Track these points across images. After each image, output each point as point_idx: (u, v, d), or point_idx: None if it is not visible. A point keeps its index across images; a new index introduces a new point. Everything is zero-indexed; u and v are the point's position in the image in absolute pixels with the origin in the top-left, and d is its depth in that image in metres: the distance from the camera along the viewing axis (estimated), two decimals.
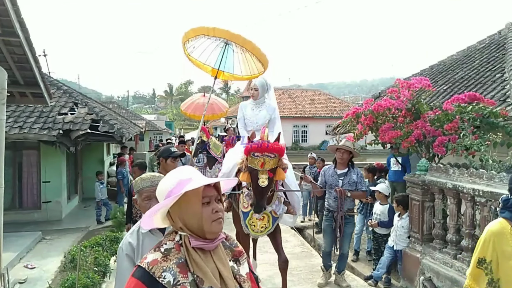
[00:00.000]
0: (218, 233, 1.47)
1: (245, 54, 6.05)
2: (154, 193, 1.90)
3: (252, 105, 5.13)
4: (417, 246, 4.72)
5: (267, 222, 4.28)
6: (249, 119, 5.14)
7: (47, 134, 8.96)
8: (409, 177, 4.86)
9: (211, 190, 1.47)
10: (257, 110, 5.12)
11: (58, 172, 10.19)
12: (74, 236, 8.83)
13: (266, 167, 3.77)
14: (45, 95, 8.28)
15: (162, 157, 3.76)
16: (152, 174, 2.54)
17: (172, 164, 3.72)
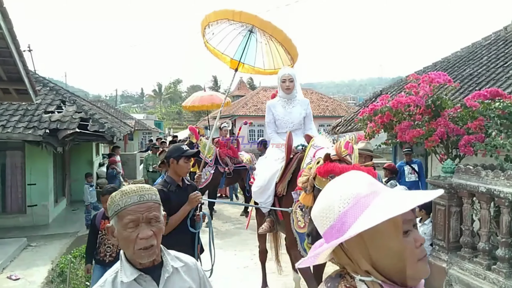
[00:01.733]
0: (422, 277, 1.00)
1: (271, 45, 5.34)
2: (145, 215, 1.42)
3: (282, 102, 4.38)
4: (442, 255, 4.33)
5: None
6: (281, 120, 4.37)
7: (32, 133, 8.42)
8: (432, 179, 4.46)
9: (407, 212, 0.95)
10: (290, 107, 4.38)
11: (45, 174, 9.63)
12: (62, 243, 8.28)
13: None
14: (30, 92, 7.77)
15: (173, 157, 3.16)
16: (140, 185, 1.60)
17: (185, 166, 3.19)
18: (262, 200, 4.01)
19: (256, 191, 4.16)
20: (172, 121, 65.77)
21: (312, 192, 3.03)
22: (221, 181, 8.91)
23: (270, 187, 3.95)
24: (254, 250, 6.27)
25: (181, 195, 3.13)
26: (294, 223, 3.54)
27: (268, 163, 4.20)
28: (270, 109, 4.43)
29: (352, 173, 1.08)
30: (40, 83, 10.25)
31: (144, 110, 75.81)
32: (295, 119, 4.33)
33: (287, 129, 4.33)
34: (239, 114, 29.56)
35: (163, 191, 2.93)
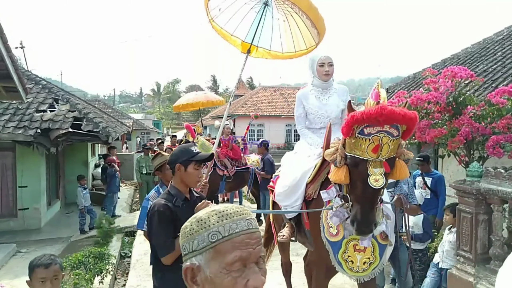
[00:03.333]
0: None
1: (291, 22, 4.47)
2: (257, 251, 0.97)
3: (316, 91, 3.62)
4: (468, 267, 3.91)
5: (371, 255, 2.83)
6: (315, 113, 3.61)
7: (22, 133, 7.98)
8: (457, 184, 4.04)
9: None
10: (325, 97, 3.62)
11: (37, 175, 9.20)
12: (54, 248, 7.83)
13: (383, 154, 2.36)
14: (19, 90, 7.34)
15: (179, 162, 2.50)
16: (236, 205, 1.09)
17: (195, 173, 2.53)
18: (288, 203, 3.34)
19: (281, 192, 3.46)
20: (170, 121, 65.36)
21: (345, 164, 2.54)
22: (221, 185, 7.98)
23: (299, 188, 3.27)
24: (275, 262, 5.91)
25: (190, 211, 2.33)
26: (324, 230, 2.90)
27: (299, 160, 3.51)
28: (301, 101, 3.69)
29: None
30: (32, 81, 9.81)
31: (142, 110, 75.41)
32: (331, 112, 3.59)
33: (321, 124, 3.64)
34: (238, 114, 29.17)
35: (168, 207, 2.37)
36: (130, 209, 11.50)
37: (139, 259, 6.24)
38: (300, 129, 3.76)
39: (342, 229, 2.82)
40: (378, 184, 2.36)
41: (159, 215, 2.34)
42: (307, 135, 3.67)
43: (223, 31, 4.65)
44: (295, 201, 3.30)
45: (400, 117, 2.26)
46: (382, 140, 2.32)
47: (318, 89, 3.64)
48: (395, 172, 2.46)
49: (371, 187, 2.38)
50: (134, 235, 8.41)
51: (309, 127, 3.72)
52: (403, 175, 2.49)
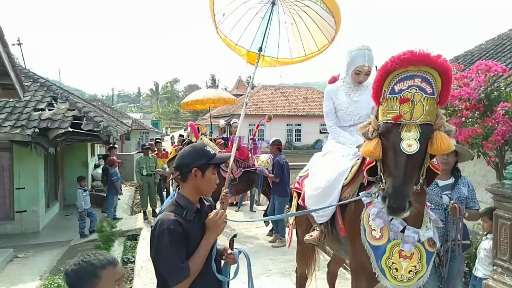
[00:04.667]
0: None
1: (299, 24, 4.16)
2: None
3: (347, 88, 3.42)
4: (507, 278, 3.59)
5: (417, 262, 2.49)
6: (345, 111, 3.40)
7: (20, 133, 7.64)
8: (493, 187, 3.71)
9: None
10: (356, 94, 3.39)
11: (35, 176, 8.87)
12: (53, 253, 7.52)
13: (417, 114, 2.11)
14: (16, 87, 7.03)
15: (196, 166, 2.04)
16: None
17: (213, 178, 2.12)
18: (322, 205, 3.05)
19: (313, 195, 3.20)
20: (169, 120, 65.08)
21: (378, 136, 2.29)
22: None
23: (334, 190, 2.99)
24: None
25: (202, 225, 2.07)
26: (366, 233, 2.59)
27: (333, 160, 3.22)
28: (330, 97, 3.47)
29: None
30: (29, 79, 9.49)
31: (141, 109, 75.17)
32: (362, 109, 3.37)
33: (351, 121, 3.41)
34: (239, 113, 28.79)
35: (179, 223, 1.92)
36: (131, 211, 11.15)
37: (144, 265, 5.90)
38: (330, 126, 3.50)
39: (387, 232, 2.50)
40: (411, 149, 2.11)
41: (170, 234, 1.87)
42: (338, 133, 3.40)
43: (227, 39, 4.34)
44: (329, 204, 3.02)
45: (434, 59, 2.07)
46: (415, 97, 2.11)
47: (349, 85, 3.41)
48: (434, 143, 2.16)
49: (404, 153, 2.13)
50: (137, 238, 8.08)
51: (338, 124, 3.47)
52: (445, 148, 2.17)
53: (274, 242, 6.87)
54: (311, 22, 4.08)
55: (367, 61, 3.20)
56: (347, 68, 3.34)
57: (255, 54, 4.13)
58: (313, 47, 4.22)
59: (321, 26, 4.05)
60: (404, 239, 2.43)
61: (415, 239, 2.43)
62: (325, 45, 4.15)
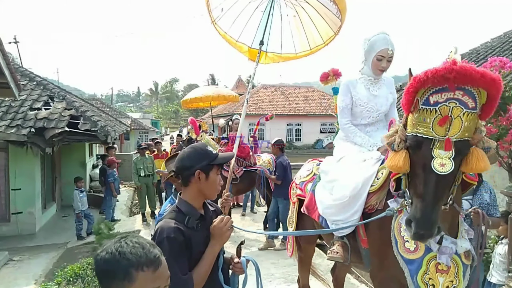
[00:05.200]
0: None
1: (302, 16, 3.90)
2: None
3: (366, 81, 3.09)
4: None
5: (454, 277, 2.24)
6: (364, 106, 3.08)
7: (15, 133, 7.48)
8: (509, 190, 3.53)
9: None
10: (375, 88, 3.09)
11: (31, 177, 8.70)
12: (49, 256, 7.34)
13: (453, 131, 1.85)
14: (11, 86, 6.85)
15: (199, 168, 1.85)
16: None
17: (217, 180, 1.94)
18: (342, 217, 2.78)
19: (334, 205, 2.86)
20: (169, 120, 64.82)
21: (405, 148, 2.04)
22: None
23: (359, 198, 2.69)
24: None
25: (206, 232, 1.89)
26: (398, 245, 2.31)
27: (354, 165, 2.88)
28: (349, 89, 3.10)
29: None
30: (25, 77, 9.32)
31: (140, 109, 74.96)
32: (381, 105, 3.08)
33: (369, 119, 3.10)
34: (238, 113, 28.62)
35: (180, 231, 1.75)
36: (130, 212, 10.97)
37: None
38: (345, 125, 3.13)
39: (423, 244, 2.24)
40: (444, 169, 1.86)
41: (171, 243, 1.70)
42: (354, 133, 3.07)
43: (227, 36, 4.14)
44: (353, 214, 2.71)
45: (477, 76, 1.76)
46: (453, 112, 1.82)
47: (369, 78, 3.09)
48: (470, 161, 1.91)
49: (435, 173, 1.88)
50: None
51: (353, 122, 3.14)
52: (481, 168, 1.92)
53: (266, 248, 6.62)
54: (314, 13, 3.87)
55: (389, 45, 2.90)
56: (366, 57, 3.02)
57: (256, 51, 3.94)
58: (318, 40, 4.00)
59: (325, 16, 3.84)
60: (441, 250, 2.17)
61: (452, 250, 2.18)
62: (330, 36, 3.94)
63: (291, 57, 4.17)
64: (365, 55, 3.03)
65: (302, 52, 4.11)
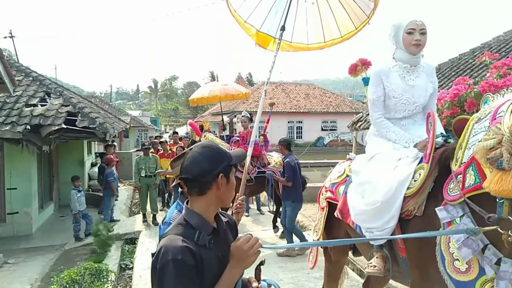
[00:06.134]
0: None
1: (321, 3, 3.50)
2: None
3: (400, 69, 2.73)
4: None
5: None
6: (398, 97, 2.71)
7: (10, 130, 7.17)
8: None
9: None
10: (412, 77, 2.71)
11: (27, 176, 8.41)
12: (46, 258, 7.04)
13: None
14: (5, 81, 6.57)
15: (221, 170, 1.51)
16: None
17: (234, 182, 1.61)
18: (377, 225, 2.46)
19: (366, 211, 2.54)
20: (168, 118, 64.44)
21: None
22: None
23: (394, 203, 2.35)
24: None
25: (223, 248, 1.52)
26: (446, 263, 1.98)
27: (387, 165, 2.54)
28: (381, 79, 2.75)
29: None
30: (21, 73, 9.01)
31: (139, 107, 74.58)
32: (419, 96, 2.72)
33: (404, 112, 2.74)
34: (239, 110, 28.35)
35: (190, 251, 1.39)
36: (130, 212, 10.66)
37: (142, 274, 5.42)
38: (377, 119, 2.78)
39: (476, 265, 1.90)
40: None
41: (177, 267, 1.35)
42: (387, 128, 2.72)
43: (236, 14, 3.76)
44: (388, 221, 2.38)
45: None
46: None
47: (404, 65, 2.71)
48: None
49: None
50: (135, 242, 7.61)
51: (385, 116, 2.80)
52: None
53: (285, 255, 6.09)
54: (337, 4, 3.52)
55: (417, 18, 2.61)
56: (395, 39, 2.71)
57: (265, 36, 3.61)
58: (335, 33, 3.65)
59: (349, 9, 3.50)
60: (499, 274, 1.82)
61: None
62: (350, 32, 3.58)
63: (302, 47, 3.81)
64: (393, 38, 2.72)
65: (314, 44, 3.76)
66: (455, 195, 1.99)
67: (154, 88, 77.33)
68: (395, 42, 2.72)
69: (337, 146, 32.11)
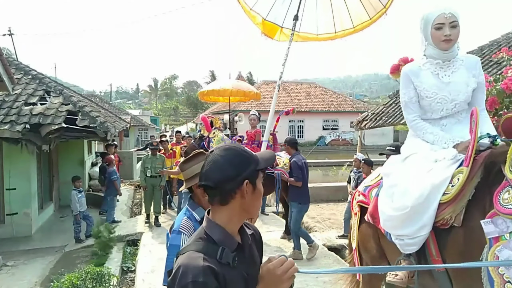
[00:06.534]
0: None
1: None
2: None
3: (432, 66, 2.52)
4: None
5: None
6: (432, 97, 2.48)
7: (9, 129, 6.99)
8: None
9: None
10: (447, 73, 2.48)
11: (26, 176, 8.24)
12: (45, 261, 6.88)
13: None
14: (4, 79, 6.41)
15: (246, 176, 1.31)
16: None
17: (262, 190, 1.41)
18: (408, 231, 2.24)
19: (394, 216, 2.34)
20: (168, 117, 64.25)
21: None
22: None
23: (427, 210, 2.15)
24: None
25: (247, 266, 1.32)
26: (495, 286, 1.76)
27: (422, 167, 2.33)
28: (410, 80, 2.56)
29: None
30: (20, 71, 8.81)
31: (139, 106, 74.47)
32: (458, 93, 2.47)
33: (443, 112, 2.51)
34: (240, 109, 28.17)
35: (212, 271, 1.19)
36: (131, 212, 10.49)
37: (145, 278, 5.26)
38: (412, 121, 2.60)
39: None
40: None
41: None
42: (424, 129, 2.53)
43: (242, 1, 3.65)
44: (419, 229, 2.18)
45: None
46: None
47: (436, 61, 2.50)
48: None
49: None
50: (137, 244, 7.43)
51: (422, 117, 2.59)
52: None
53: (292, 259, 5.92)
54: None
55: (445, 10, 2.39)
56: (424, 35, 2.51)
57: (272, 25, 3.43)
58: (347, 24, 3.48)
59: None
60: None
61: None
62: (363, 22, 3.41)
63: (311, 38, 3.66)
64: (423, 33, 2.52)
65: (324, 35, 3.60)
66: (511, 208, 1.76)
67: (154, 87, 77.25)
68: (424, 37, 2.52)
69: (339, 145, 31.99)
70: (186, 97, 67.18)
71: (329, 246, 6.68)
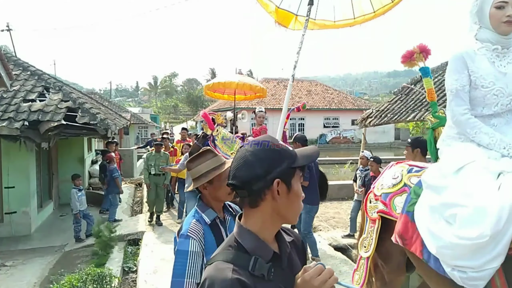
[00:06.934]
0: None
1: None
2: None
3: (489, 52, 2.17)
4: None
5: None
6: (490, 87, 2.11)
7: (7, 126, 6.85)
8: None
9: None
10: (503, 63, 2.13)
11: (25, 174, 8.08)
12: (45, 261, 6.73)
13: None
14: (2, 74, 6.21)
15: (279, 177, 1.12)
16: None
17: (301, 191, 1.19)
18: (475, 263, 1.84)
19: (461, 245, 1.88)
20: (168, 115, 64.11)
21: None
22: None
23: (504, 236, 1.77)
24: None
25: (285, 279, 1.14)
26: None
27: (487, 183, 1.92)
28: (465, 63, 2.18)
29: None
30: (19, 67, 8.67)
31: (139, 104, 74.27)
32: None
33: (497, 107, 2.13)
34: (241, 107, 28.02)
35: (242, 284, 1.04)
36: (132, 211, 10.34)
37: (148, 279, 5.11)
38: (462, 115, 2.18)
39: None
40: None
41: None
42: (478, 128, 2.12)
43: None
44: (491, 260, 1.81)
45: None
46: None
47: (494, 46, 2.15)
48: None
49: None
50: (138, 243, 7.29)
51: (471, 111, 2.20)
52: None
53: None
54: None
55: None
56: (479, 16, 2.19)
57: (286, 13, 3.24)
58: (367, 8, 3.23)
59: None
60: None
61: None
62: (385, 5, 3.15)
63: (328, 25, 3.43)
64: (476, 15, 2.21)
65: (342, 21, 3.37)
66: None
67: (153, 85, 77.04)
68: (479, 20, 2.21)
69: (340, 143, 31.84)
70: (186, 95, 67.04)
71: (335, 246, 6.53)
